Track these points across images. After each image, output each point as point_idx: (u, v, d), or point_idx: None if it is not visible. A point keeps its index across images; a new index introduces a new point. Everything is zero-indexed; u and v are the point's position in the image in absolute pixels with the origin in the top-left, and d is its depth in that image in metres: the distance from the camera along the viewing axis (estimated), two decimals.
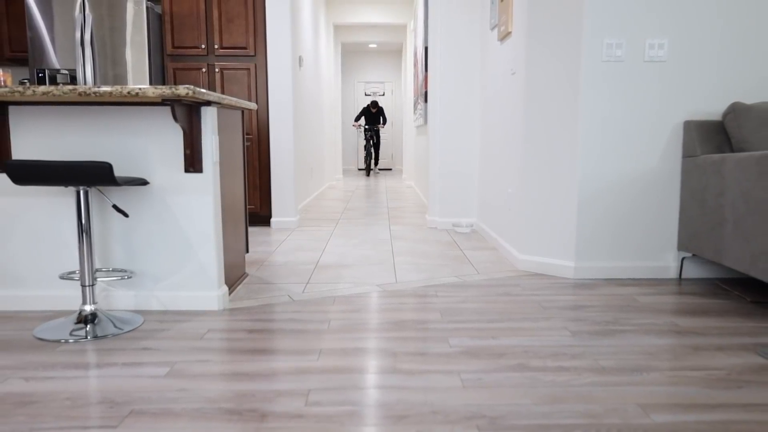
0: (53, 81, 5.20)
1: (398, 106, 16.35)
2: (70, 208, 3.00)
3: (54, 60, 5.21)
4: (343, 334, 2.65)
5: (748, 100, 3.54)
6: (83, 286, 2.74)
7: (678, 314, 2.95)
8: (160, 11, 5.62)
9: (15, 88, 2.54)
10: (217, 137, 3.05)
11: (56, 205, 2.99)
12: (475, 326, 2.76)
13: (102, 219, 3.01)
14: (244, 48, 5.54)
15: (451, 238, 5.21)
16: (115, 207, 2.77)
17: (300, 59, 6.66)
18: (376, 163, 15.13)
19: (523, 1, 3.86)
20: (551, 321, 2.83)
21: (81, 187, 2.65)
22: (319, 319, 2.88)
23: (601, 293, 3.32)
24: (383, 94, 16.39)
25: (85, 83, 5.25)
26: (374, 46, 15.30)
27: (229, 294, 3.31)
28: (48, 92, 2.54)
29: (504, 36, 4.39)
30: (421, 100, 7.49)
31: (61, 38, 5.19)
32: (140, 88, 2.54)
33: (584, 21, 3.47)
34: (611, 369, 2.24)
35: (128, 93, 2.53)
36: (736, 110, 3.29)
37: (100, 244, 3.02)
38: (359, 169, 16.91)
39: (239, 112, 3.63)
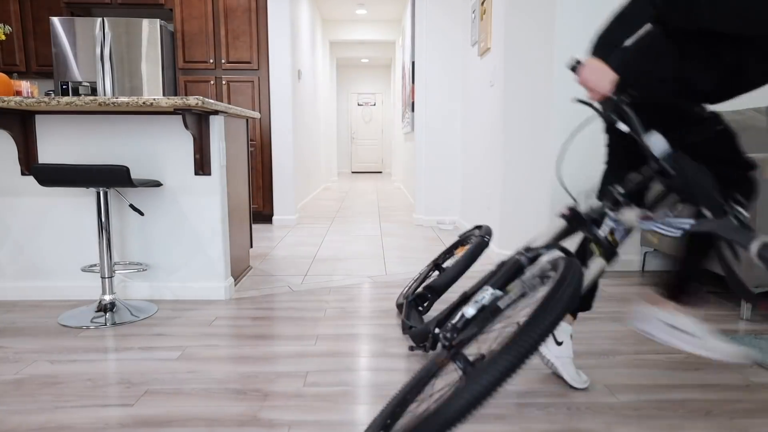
0: (76, 92, 5.16)
1: (388, 114, 16.34)
2: (91, 208, 2.98)
3: (76, 73, 5.18)
4: (338, 321, 2.65)
5: None
6: (103, 277, 2.73)
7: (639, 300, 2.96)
8: (172, 29, 5.59)
9: (41, 99, 2.53)
10: (224, 143, 3.04)
11: (78, 204, 2.98)
12: None
13: (120, 217, 2.99)
14: (249, 62, 5.52)
15: (435, 234, 5.21)
16: (131, 206, 2.76)
17: (299, 72, 6.64)
18: None
19: (500, 21, 3.86)
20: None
21: (101, 189, 2.64)
22: (316, 308, 2.87)
23: None
24: (374, 104, 16.37)
25: (104, 94, 5.22)
26: (366, 60, 15.27)
27: (235, 285, 3.30)
28: (71, 102, 2.52)
29: (484, 51, 4.39)
30: (408, 110, 7.48)
31: (83, 54, 5.16)
32: (154, 99, 2.53)
33: (555, 38, 3.47)
34: (581, 353, 2.25)
35: (144, 103, 2.52)
36: None
37: (118, 239, 3.01)
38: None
39: (244, 121, 3.62)
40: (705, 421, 1.69)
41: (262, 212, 5.76)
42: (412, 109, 6.61)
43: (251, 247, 3.85)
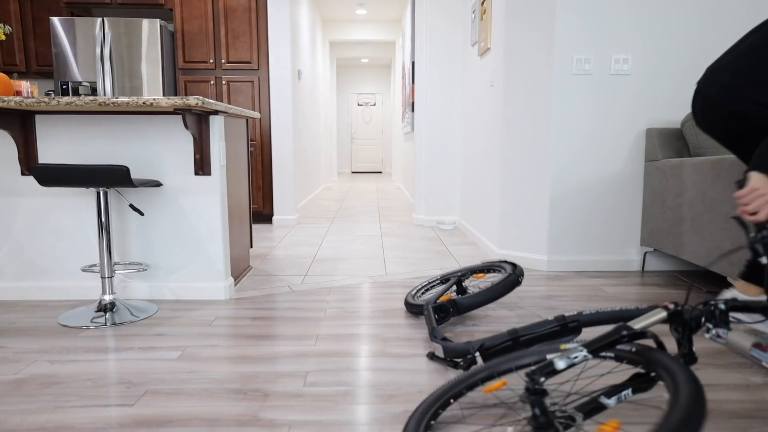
0: (76, 92, 5.16)
1: (388, 114, 16.34)
2: (91, 208, 2.98)
3: (76, 73, 5.18)
4: (338, 321, 2.65)
5: None
6: (103, 277, 2.73)
7: (642, 303, 2.96)
8: (172, 29, 5.59)
9: (41, 99, 2.53)
10: (224, 143, 3.04)
11: (78, 204, 2.98)
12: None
13: (120, 217, 2.99)
14: (249, 62, 5.53)
15: (435, 234, 5.21)
16: (132, 206, 2.76)
17: (299, 73, 6.64)
18: None
19: (500, 21, 3.86)
20: (526, 309, 2.84)
21: (101, 189, 2.64)
22: (317, 308, 2.87)
23: (571, 284, 3.33)
24: (374, 104, 16.37)
25: (104, 94, 5.22)
26: (366, 60, 15.28)
27: (235, 285, 3.30)
28: (71, 102, 2.52)
29: (483, 51, 4.39)
30: (408, 110, 7.48)
31: (83, 54, 5.16)
32: (154, 99, 2.53)
33: (555, 38, 3.47)
34: None
35: (144, 103, 2.52)
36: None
37: (119, 239, 3.01)
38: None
39: (244, 121, 3.62)
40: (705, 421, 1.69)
41: (262, 212, 5.76)
42: (412, 109, 6.61)
43: (251, 247, 3.85)
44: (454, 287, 2.81)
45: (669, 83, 3.52)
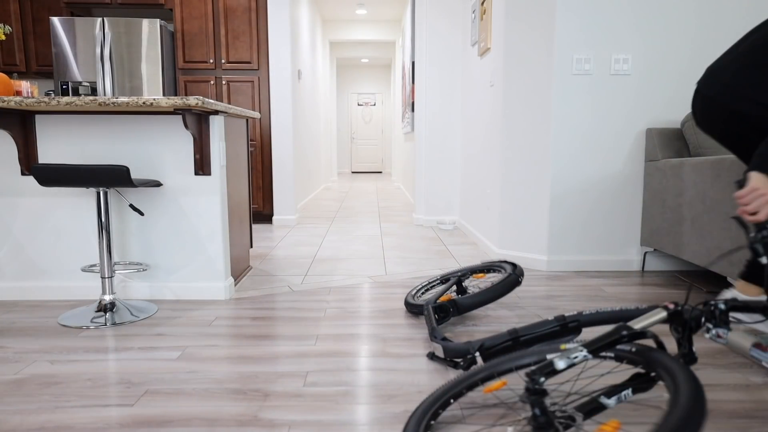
0: (76, 92, 5.16)
1: (388, 114, 16.34)
2: (91, 208, 2.98)
3: (76, 73, 5.18)
4: (338, 321, 2.65)
5: None
6: (103, 277, 2.73)
7: (642, 303, 2.96)
8: (172, 29, 5.59)
9: (41, 99, 2.53)
10: (224, 143, 3.04)
11: (78, 204, 2.98)
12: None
13: (120, 217, 2.99)
14: (249, 62, 5.53)
15: (435, 234, 5.21)
16: (132, 206, 2.76)
17: (299, 72, 6.64)
18: None
19: (500, 21, 3.86)
20: (526, 309, 2.84)
21: (101, 189, 2.64)
22: (317, 308, 2.87)
23: (571, 284, 3.33)
24: (374, 104, 16.37)
25: (104, 94, 5.22)
26: (366, 60, 15.27)
27: (235, 285, 3.30)
28: (71, 102, 2.52)
29: (483, 51, 4.39)
30: (408, 110, 7.48)
31: (83, 54, 5.16)
32: (154, 99, 2.53)
33: (555, 38, 3.47)
34: None
35: (144, 103, 2.52)
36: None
37: (119, 239, 3.01)
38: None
39: (244, 121, 3.62)
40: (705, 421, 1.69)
41: (262, 212, 5.76)
42: (412, 109, 6.61)
43: (251, 247, 3.85)
44: (454, 287, 2.81)
45: (669, 83, 3.52)
